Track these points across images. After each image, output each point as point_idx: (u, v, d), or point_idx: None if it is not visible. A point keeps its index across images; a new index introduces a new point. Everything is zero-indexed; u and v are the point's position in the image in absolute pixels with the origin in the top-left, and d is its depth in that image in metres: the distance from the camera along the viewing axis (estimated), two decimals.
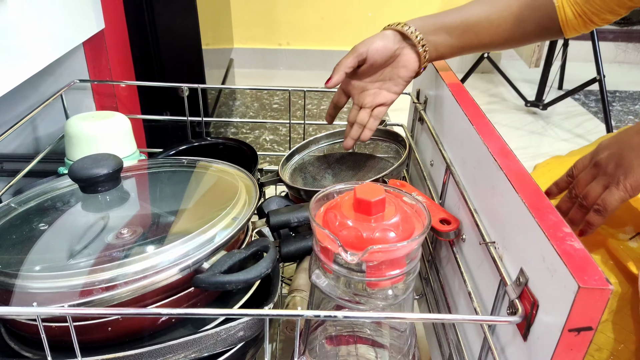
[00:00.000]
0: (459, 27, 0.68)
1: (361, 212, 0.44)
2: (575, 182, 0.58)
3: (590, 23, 0.66)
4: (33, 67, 0.72)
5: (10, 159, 0.98)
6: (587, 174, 0.56)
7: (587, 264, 0.34)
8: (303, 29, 2.52)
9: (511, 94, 2.21)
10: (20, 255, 0.47)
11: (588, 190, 0.55)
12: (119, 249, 0.47)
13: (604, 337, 0.58)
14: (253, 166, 0.81)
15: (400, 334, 0.52)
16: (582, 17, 0.66)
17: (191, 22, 1.13)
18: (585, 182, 0.56)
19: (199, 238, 0.48)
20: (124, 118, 0.80)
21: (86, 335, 0.44)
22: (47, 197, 0.58)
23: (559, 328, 0.34)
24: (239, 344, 0.47)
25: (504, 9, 0.67)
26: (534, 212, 0.40)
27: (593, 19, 0.66)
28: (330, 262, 0.43)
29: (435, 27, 0.68)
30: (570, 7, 0.65)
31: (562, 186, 0.61)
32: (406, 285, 0.45)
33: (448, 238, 0.58)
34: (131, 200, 0.57)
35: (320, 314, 0.42)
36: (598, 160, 0.55)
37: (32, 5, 0.71)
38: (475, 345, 0.51)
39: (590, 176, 0.56)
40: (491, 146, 0.51)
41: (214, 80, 1.40)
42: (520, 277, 0.41)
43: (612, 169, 0.53)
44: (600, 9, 0.64)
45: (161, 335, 0.47)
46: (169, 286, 0.45)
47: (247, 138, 1.73)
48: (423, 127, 0.81)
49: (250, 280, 0.46)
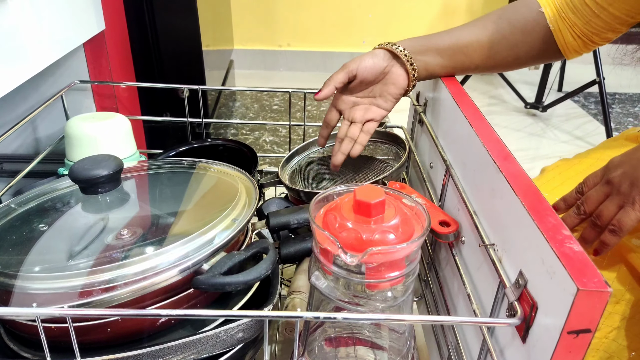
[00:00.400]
0: (449, 48, 0.70)
1: (361, 214, 0.44)
2: (585, 198, 0.57)
3: (591, 43, 0.66)
4: (33, 68, 0.72)
5: (11, 159, 0.98)
6: (599, 192, 0.55)
7: (586, 266, 0.34)
8: (303, 30, 2.52)
9: (511, 96, 2.21)
10: (20, 255, 0.47)
11: (602, 209, 0.54)
12: (119, 250, 0.47)
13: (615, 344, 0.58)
14: (253, 167, 0.81)
15: (400, 336, 0.52)
16: (581, 38, 0.66)
17: (191, 23, 1.13)
18: (597, 200, 0.55)
19: (199, 239, 0.48)
20: (124, 119, 0.80)
21: (86, 336, 0.44)
22: (47, 197, 0.58)
23: (558, 330, 0.35)
24: (238, 345, 0.47)
25: (494, 32, 0.68)
26: (533, 214, 0.40)
27: (594, 39, 0.66)
28: (330, 263, 0.43)
29: (425, 48, 0.70)
30: (568, 29, 0.65)
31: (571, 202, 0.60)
32: (405, 287, 0.45)
33: (447, 240, 0.58)
34: (131, 201, 0.57)
35: (320, 316, 0.42)
36: (610, 179, 0.54)
37: (32, 6, 0.71)
38: (474, 347, 0.51)
39: (602, 195, 0.55)
40: (491, 148, 0.51)
41: (214, 82, 1.40)
42: (520, 280, 0.41)
43: (626, 188, 0.52)
44: (602, 29, 0.64)
45: (161, 337, 0.47)
46: (168, 287, 0.45)
47: (247, 139, 1.73)
48: (423, 129, 0.81)
49: (250, 282, 0.46)
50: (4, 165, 0.97)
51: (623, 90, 2.41)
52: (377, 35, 2.54)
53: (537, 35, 0.67)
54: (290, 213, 0.62)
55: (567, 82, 2.30)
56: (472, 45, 0.69)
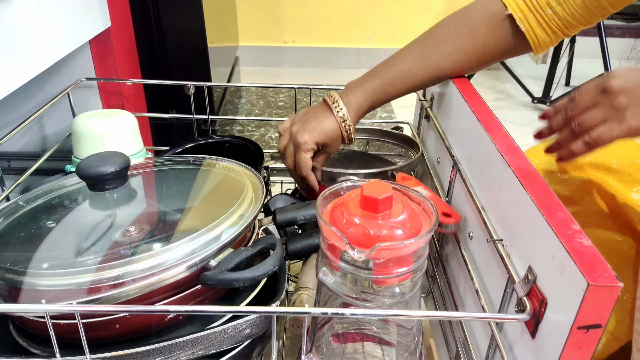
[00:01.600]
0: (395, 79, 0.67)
1: (368, 209, 0.43)
2: (575, 103, 0.53)
3: (563, 36, 0.65)
4: (39, 66, 0.72)
5: (18, 157, 0.98)
6: (589, 97, 0.51)
7: (596, 261, 0.34)
8: (308, 26, 2.51)
9: (518, 91, 2.20)
10: (28, 252, 0.47)
11: (586, 117, 0.51)
12: (127, 246, 0.47)
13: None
14: (259, 164, 0.80)
15: (407, 332, 0.52)
16: (556, 32, 0.63)
17: (197, 20, 1.13)
18: (585, 105, 0.51)
19: (206, 236, 0.48)
20: (131, 116, 0.80)
21: (94, 333, 0.44)
22: (54, 195, 0.58)
23: (568, 325, 0.34)
24: (246, 341, 0.47)
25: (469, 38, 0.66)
26: (543, 209, 0.40)
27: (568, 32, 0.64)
28: (337, 259, 0.43)
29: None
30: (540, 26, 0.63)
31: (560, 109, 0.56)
32: (413, 283, 0.45)
33: (448, 231, 0.59)
34: (138, 198, 0.57)
35: (328, 312, 0.42)
36: (608, 87, 0.49)
37: (38, 4, 0.71)
38: (482, 342, 0.51)
39: (592, 101, 0.51)
40: (498, 143, 0.51)
41: (219, 78, 1.40)
42: (529, 275, 0.40)
43: (621, 102, 0.48)
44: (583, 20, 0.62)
45: (168, 333, 0.47)
46: (176, 283, 0.45)
47: (252, 136, 1.73)
48: (429, 124, 0.81)
49: (257, 278, 0.46)
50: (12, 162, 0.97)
51: None
52: (382, 30, 2.53)
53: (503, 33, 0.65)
54: (297, 209, 0.62)
55: (575, 76, 2.28)
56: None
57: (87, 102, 1.00)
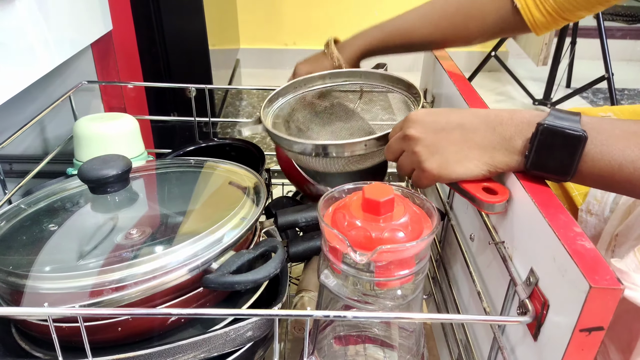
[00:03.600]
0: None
1: (370, 212, 0.44)
2: (386, 151, 0.54)
3: (562, 20, 0.66)
4: (41, 69, 0.72)
5: (20, 160, 0.99)
6: (397, 145, 0.52)
7: (598, 263, 0.34)
8: (309, 28, 2.51)
9: (519, 93, 2.19)
10: (30, 256, 0.47)
11: (400, 165, 0.52)
12: (129, 249, 0.47)
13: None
14: (260, 166, 0.81)
15: (409, 334, 0.52)
16: (551, 14, 0.65)
17: (198, 23, 1.13)
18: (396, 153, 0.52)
19: (208, 238, 0.48)
20: (132, 119, 0.80)
21: (96, 336, 0.44)
22: (56, 198, 0.58)
23: (570, 328, 0.34)
24: (247, 344, 0.47)
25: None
26: (544, 211, 0.40)
27: (566, 16, 0.65)
28: (339, 262, 0.43)
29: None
30: (536, 7, 0.65)
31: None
32: (415, 285, 0.45)
33: (493, 211, 0.46)
34: (140, 200, 0.57)
35: (330, 314, 0.42)
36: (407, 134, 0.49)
37: (40, 8, 0.71)
38: (484, 345, 0.51)
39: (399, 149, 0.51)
40: None
41: (220, 81, 1.41)
42: (531, 277, 0.40)
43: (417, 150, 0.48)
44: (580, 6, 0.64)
45: (170, 336, 0.47)
46: (178, 286, 0.45)
47: (253, 138, 1.73)
48: None
49: (259, 281, 0.46)
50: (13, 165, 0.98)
51: (632, 86, 2.38)
52: None
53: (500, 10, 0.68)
54: (299, 211, 0.62)
55: (576, 78, 2.28)
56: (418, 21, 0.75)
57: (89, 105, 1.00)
